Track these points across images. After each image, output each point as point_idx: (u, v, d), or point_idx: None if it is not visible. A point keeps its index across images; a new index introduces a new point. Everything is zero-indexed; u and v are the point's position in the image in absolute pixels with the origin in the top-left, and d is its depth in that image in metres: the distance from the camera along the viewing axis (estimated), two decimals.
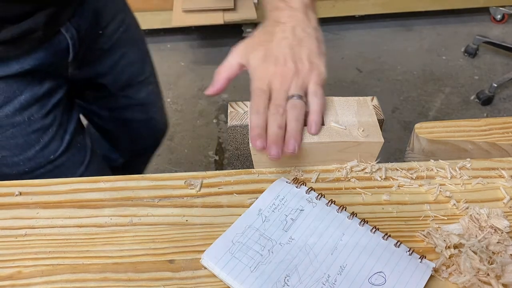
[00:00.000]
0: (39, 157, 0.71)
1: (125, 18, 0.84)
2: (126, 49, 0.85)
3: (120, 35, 0.83)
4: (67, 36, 0.69)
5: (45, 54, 0.67)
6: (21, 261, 0.45)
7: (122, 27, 0.83)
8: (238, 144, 0.56)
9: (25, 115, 0.67)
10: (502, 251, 0.43)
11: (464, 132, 0.56)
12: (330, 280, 0.42)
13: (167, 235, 0.47)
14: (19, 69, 0.64)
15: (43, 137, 0.70)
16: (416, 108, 1.90)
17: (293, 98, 0.50)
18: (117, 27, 0.82)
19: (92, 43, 0.78)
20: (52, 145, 0.71)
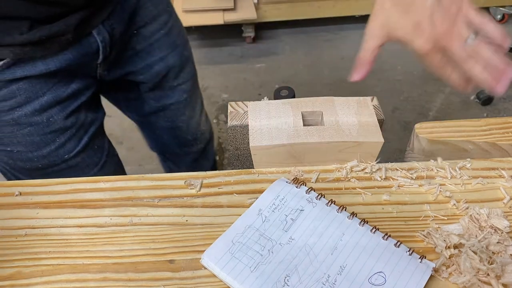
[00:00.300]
0: (54, 156, 0.70)
1: (169, 20, 0.82)
2: (165, 53, 0.82)
3: (160, 37, 0.80)
4: (98, 39, 0.68)
5: (73, 55, 0.66)
6: (21, 261, 0.45)
7: (164, 29, 0.80)
8: (238, 144, 0.56)
9: (44, 116, 0.67)
10: (502, 251, 0.43)
11: (464, 132, 0.56)
12: (330, 280, 0.42)
13: (167, 235, 0.47)
14: (44, 70, 0.63)
15: (60, 137, 0.70)
16: (416, 108, 1.90)
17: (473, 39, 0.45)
18: (157, 29, 0.79)
19: (125, 44, 0.76)
20: (68, 146, 0.71)
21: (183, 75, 0.88)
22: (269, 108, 0.55)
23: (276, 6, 2.18)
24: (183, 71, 0.88)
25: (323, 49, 2.23)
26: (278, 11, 2.20)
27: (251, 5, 2.13)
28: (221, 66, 2.12)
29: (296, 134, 0.52)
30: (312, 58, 2.16)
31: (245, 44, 2.27)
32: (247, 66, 2.13)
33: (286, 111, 0.55)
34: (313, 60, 2.15)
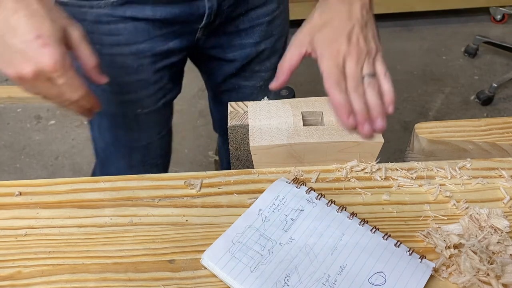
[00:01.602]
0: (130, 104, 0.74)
1: (276, 9, 0.82)
2: (260, 39, 0.83)
3: (263, 23, 0.81)
4: (207, 5, 0.69)
5: (180, 11, 0.68)
6: (21, 261, 0.45)
7: (269, 17, 0.81)
8: (238, 144, 0.56)
9: (136, 62, 0.70)
10: (502, 251, 0.43)
11: (464, 132, 0.56)
12: (330, 280, 0.42)
13: (167, 235, 0.47)
14: (151, 16, 0.66)
15: (143, 89, 0.73)
16: (416, 108, 1.90)
17: (369, 76, 0.49)
18: (264, 14, 0.80)
19: (230, 19, 0.77)
20: (146, 101, 0.75)
21: (267, 63, 0.89)
22: (269, 108, 0.55)
23: None
24: (269, 60, 0.89)
25: None
26: None
27: None
28: None
29: (296, 134, 0.52)
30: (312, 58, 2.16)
31: None
32: None
33: (286, 111, 0.55)
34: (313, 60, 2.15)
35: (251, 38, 0.82)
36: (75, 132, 1.81)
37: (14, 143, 1.76)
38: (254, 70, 0.89)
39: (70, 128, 1.82)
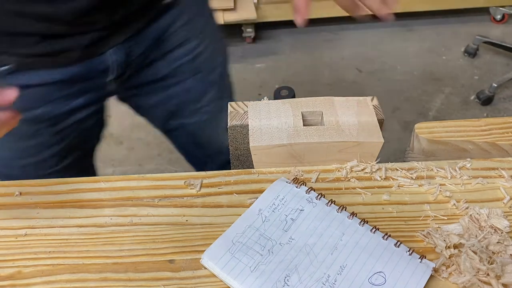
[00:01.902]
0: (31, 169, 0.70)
1: (198, 46, 0.78)
2: (185, 77, 0.80)
3: (184, 63, 0.77)
4: (111, 59, 0.66)
5: (79, 70, 0.64)
6: (21, 261, 0.45)
7: (190, 55, 0.77)
8: (238, 144, 0.56)
9: (32, 128, 0.65)
10: (502, 251, 0.43)
11: (464, 132, 0.56)
12: (330, 280, 0.42)
13: (167, 235, 0.47)
14: (48, 79, 0.62)
15: (43, 152, 0.69)
16: (416, 108, 1.90)
17: None
18: (184, 54, 0.77)
19: (145, 67, 0.74)
20: (49, 162, 0.70)
21: (205, 98, 0.86)
22: (269, 108, 0.55)
23: (276, 6, 2.18)
24: (206, 95, 0.85)
25: (323, 49, 2.23)
26: (278, 11, 2.20)
27: (251, 5, 2.13)
28: None
29: (296, 134, 0.52)
30: (312, 58, 2.16)
31: (245, 44, 2.27)
32: (247, 66, 2.13)
33: (286, 111, 0.55)
34: (313, 60, 2.15)
35: (175, 79, 0.78)
36: None
37: None
38: (193, 109, 0.85)
39: None
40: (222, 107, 0.93)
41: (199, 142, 0.94)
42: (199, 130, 0.90)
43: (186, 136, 0.92)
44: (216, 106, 0.89)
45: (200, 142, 0.94)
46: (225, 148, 1.05)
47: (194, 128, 0.89)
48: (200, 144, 0.95)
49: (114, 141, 1.74)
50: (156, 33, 0.71)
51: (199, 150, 0.97)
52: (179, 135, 0.92)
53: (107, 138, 1.75)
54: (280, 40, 2.31)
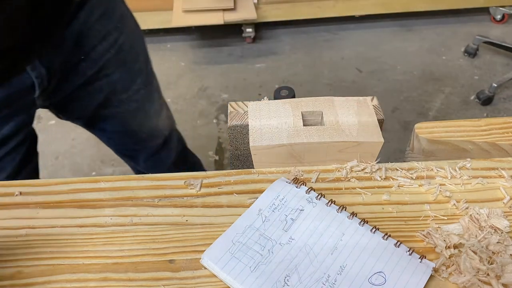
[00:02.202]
0: None
1: (119, 37, 0.77)
2: (111, 70, 0.79)
3: (110, 57, 0.76)
4: (33, 75, 0.63)
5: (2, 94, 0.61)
6: (21, 261, 0.45)
7: (112, 50, 0.76)
8: (238, 144, 0.56)
9: None
10: (502, 251, 0.43)
11: (464, 132, 0.56)
12: (330, 280, 0.42)
13: (167, 235, 0.47)
14: None
15: None
16: (416, 108, 1.90)
17: None
18: (106, 49, 0.75)
19: (70, 72, 0.72)
20: None
21: (134, 87, 0.86)
22: (269, 108, 0.55)
23: (276, 6, 2.18)
24: (134, 83, 0.85)
25: (323, 49, 2.23)
26: (278, 11, 2.20)
27: (251, 5, 2.13)
28: (221, 66, 2.12)
29: (296, 134, 0.52)
30: (312, 58, 2.16)
31: (245, 44, 2.27)
32: (247, 66, 2.13)
33: (286, 111, 0.55)
34: (313, 60, 2.15)
35: (102, 74, 0.77)
36: (75, 132, 1.81)
37: None
38: (122, 99, 0.85)
39: (70, 128, 1.82)
40: (151, 93, 0.93)
41: (130, 130, 0.94)
42: (130, 118, 0.90)
43: (117, 125, 0.92)
44: (145, 92, 0.90)
45: (132, 130, 0.94)
46: (158, 131, 1.04)
47: (124, 116, 0.89)
48: (131, 132, 0.94)
49: None
50: (73, 35, 0.69)
51: (131, 138, 0.97)
52: (109, 125, 0.91)
53: None
54: (280, 40, 2.31)
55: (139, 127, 0.95)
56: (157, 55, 2.19)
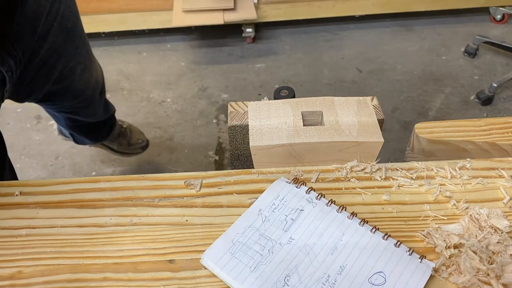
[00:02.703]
0: None
1: (60, 7, 0.77)
2: (59, 42, 0.79)
3: (56, 29, 0.76)
4: (3, 70, 0.63)
5: None
6: (21, 261, 0.45)
7: (57, 20, 0.76)
8: (238, 144, 0.56)
9: None
10: (502, 251, 0.43)
11: (464, 132, 0.56)
12: (330, 280, 0.42)
13: (167, 235, 0.47)
14: None
15: None
16: (416, 108, 1.90)
17: None
18: (51, 22, 0.75)
19: (31, 56, 0.72)
20: None
21: (78, 51, 0.88)
22: (269, 108, 0.55)
23: (276, 6, 2.18)
24: (78, 47, 0.88)
25: (323, 49, 2.23)
26: (278, 11, 2.20)
27: (251, 5, 2.13)
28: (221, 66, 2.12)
29: (296, 134, 0.52)
30: (312, 58, 2.16)
31: (245, 44, 2.27)
32: (247, 66, 2.13)
33: (286, 111, 0.55)
34: (313, 60, 2.15)
35: (53, 47, 0.78)
36: None
37: (14, 143, 1.76)
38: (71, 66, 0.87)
39: None
40: (89, 50, 0.97)
41: (77, 91, 0.97)
42: (77, 81, 0.93)
43: (67, 92, 0.95)
44: (86, 52, 0.94)
45: (79, 90, 0.97)
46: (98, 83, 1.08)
47: (73, 82, 0.92)
48: (78, 92, 0.98)
49: None
50: (28, 17, 0.69)
51: (76, 99, 1.01)
52: (61, 95, 0.93)
53: None
54: (280, 40, 2.31)
55: (85, 86, 0.99)
56: (157, 55, 2.19)
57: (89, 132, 1.32)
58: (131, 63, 2.12)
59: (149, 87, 1.98)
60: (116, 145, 1.50)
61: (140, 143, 1.57)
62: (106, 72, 2.10)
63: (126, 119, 1.81)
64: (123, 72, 2.07)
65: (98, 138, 1.40)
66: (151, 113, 1.85)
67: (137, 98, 1.93)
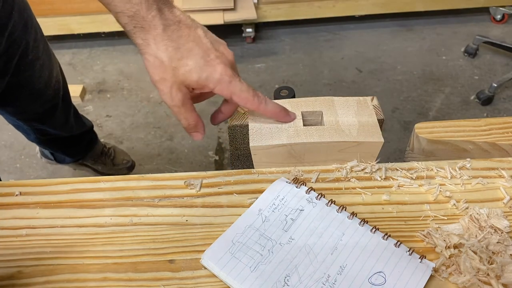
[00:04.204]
0: None
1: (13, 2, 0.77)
2: (17, 33, 0.79)
3: (15, 19, 0.76)
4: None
5: None
6: (21, 261, 0.45)
7: (15, 10, 0.77)
8: (238, 144, 0.56)
9: None
10: (502, 251, 0.43)
11: (464, 132, 0.56)
12: (330, 280, 0.42)
13: (167, 235, 0.47)
14: None
15: None
16: (416, 108, 1.90)
17: None
18: (9, 11, 0.75)
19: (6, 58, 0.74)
20: None
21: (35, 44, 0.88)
22: None
23: (276, 6, 2.18)
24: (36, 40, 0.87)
25: (323, 49, 2.23)
26: (278, 11, 2.20)
27: (251, 5, 2.13)
28: None
29: (296, 134, 0.52)
30: (312, 58, 2.16)
31: (245, 44, 2.27)
32: (247, 66, 2.13)
33: None
34: (313, 60, 2.15)
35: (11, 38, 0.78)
36: None
37: (14, 143, 1.76)
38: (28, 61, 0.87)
39: None
40: (46, 45, 0.95)
41: (37, 92, 0.95)
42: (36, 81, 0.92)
43: (25, 93, 0.93)
44: (44, 46, 0.92)
45: (39, 89, 0.96)
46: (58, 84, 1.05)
47: (31, 80, 0.91)
48: (38, 92, 0.96)
49: (114, 141, 1.74)
50: None
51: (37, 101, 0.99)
52: (18, 94, 0.92)
53: (107, 138, 1.75)
54: (280, 40, 2.31)
55: (45, 85, 0.97)
56: None
57: (65, 147, 1.28)
58: (131, 63, 2.12)
59: (149, 87, 1.98)
60: (100, 166, 1.48)
61: (125, 164, 1.55)
62: (106, 72, 2.11)
63: (126, 119, 1.81)
64: (123, 72, 2.07)
65: (77, 155, 1.37)
66: (151, 113, 1.85)
67: (137, 98, 1.93)
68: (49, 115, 1.09)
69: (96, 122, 1.80)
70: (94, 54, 2.20)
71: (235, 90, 0.45)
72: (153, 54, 0.44)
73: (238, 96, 0.46)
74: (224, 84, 0.45)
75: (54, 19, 2.07)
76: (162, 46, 0.44)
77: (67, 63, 2.14)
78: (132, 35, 0.45)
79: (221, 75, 0.45)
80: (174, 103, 0.45)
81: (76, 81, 2.02)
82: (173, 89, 0.45)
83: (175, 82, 0.45)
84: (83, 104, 1.89)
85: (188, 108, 0.47)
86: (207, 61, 0.45)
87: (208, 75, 0.44)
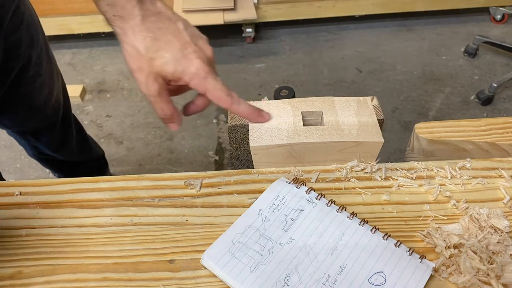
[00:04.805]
0: None
1: (25, 11, 0.77)
2: (22, 47, 0.79)
3: (21, 33, 0.76)
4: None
5: None
6: (21, 261, 0.45)
7: (23, 23, 0.76)
8: (238, 144, 0.56)
9: None
10: (502, 251, 0.43)
11: (464, 132, 0.56)
12: (330, 280, 0.42)
13: (167, 235, 0.47)
14: None
15: None
16: (416, 108, 1.90)
17: None
18: (18, 24, 0.75)
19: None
20: None
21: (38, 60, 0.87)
22: (269, 108, 0.55)
23: (276, 6, 2.18)
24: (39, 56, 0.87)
25: (323, 49, 2.23)
26: (278, 11, 2.20)
27: (251, 5, 2.13)
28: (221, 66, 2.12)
29: (296, 134, 0.52)
30: (312, 58, 2.16)
31: (245, 44, 2.27)
32: (247, 66, 2.13)
33: (286, 111, 0.55)
34: (313, 60, 2.15)
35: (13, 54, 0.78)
36: None
37: (14, 143, 1.76)
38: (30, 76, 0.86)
39: None
40: (51, 63, 0.94)
41: (35, 109, 0.94)
42: (36, 97, 0.91)
43: (22, 106, 0.92)
44: (47, 63, 0.91)
45: (38, 106, 0.95)
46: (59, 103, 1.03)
47: (31, 95, 0.90)
48: (37, 109, 0.95)
49: (114, 141, 1.74)
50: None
51: (35, 117, 0.98)
52: (15, 104, 0.91)
53: (107, 138, 1.75)
54: (280, 40, 2.31)
55: (44, 103, 0.96)
56: None
57: (65, 170, 1.23)
58: None
59: None
60: None
61: None
62: (106, 72, 2.11)
63: (126, 119, 1.81)
64: (123, 72, 2.07)
65: None
66: (151, 113, 1.85)
67: (137, 98, 1.93)
68: (45, 133, 1.07)
69: (96, 122, 1.80)
70: (94, 54, 2.20)
71: (209, 86, 0.45)
72: (131, 43, 0.44)
73: (212, 93, 0.45)
74: (199, 79, 0.45)
75: (54, 19, 2.07)
76: (140, 36, 0.44)
77: (67, 63, 2.14)
78: (111, 23, 0.46)
79: (197, 69, 0.45)
80: (150, 93, 0.45)
81: (76, 81, 2.02)
82: (149, 79, 0.45)
83: (151, 72, 0.45)
84: (83, 104, 1.89)
85: (164, 99, 0.47)
86: (184, 54, 0.45)
87: (184, 68, 0.45)
